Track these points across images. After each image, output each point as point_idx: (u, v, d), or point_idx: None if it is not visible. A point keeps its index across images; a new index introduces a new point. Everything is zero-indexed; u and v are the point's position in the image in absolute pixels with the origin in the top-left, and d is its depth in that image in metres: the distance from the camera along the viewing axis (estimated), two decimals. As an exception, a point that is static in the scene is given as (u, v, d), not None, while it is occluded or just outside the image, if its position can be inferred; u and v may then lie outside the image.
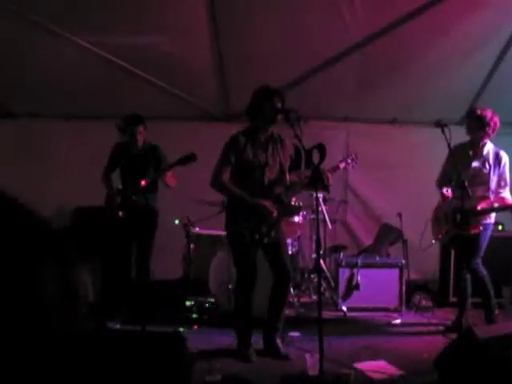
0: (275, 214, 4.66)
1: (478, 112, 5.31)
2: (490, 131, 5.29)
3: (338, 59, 6.28)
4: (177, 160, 4.90)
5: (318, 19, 5.83)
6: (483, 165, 5.36)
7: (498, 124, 5.30)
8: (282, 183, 4.80)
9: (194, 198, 6.04)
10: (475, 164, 5.37)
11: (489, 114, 5.27)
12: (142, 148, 5.82)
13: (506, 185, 5.36)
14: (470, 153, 5.41)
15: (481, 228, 5.26)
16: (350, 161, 5.16)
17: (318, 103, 6.96)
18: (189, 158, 4.80)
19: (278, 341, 4.89)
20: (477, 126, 5.30)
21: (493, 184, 5.33)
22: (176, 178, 5.57)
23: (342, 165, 5.11)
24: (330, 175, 4.69)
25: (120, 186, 5.82)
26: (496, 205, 5.29)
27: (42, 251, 0.78)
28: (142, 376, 3.30)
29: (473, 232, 5.24)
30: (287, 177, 4.83)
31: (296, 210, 5.16)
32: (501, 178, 5.35)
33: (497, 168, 5.34)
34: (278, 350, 4.81)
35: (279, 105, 4.60)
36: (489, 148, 5.39)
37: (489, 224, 5.36)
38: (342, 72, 6.48)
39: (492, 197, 5.30)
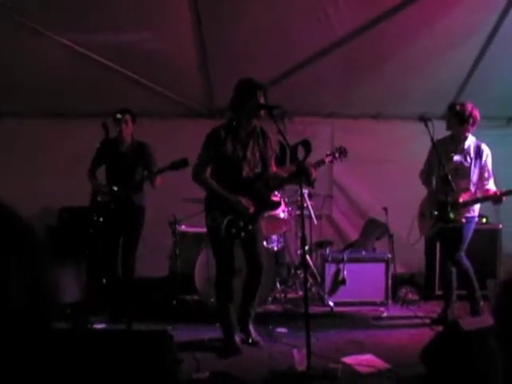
0: (251, 210, 4.69)
1: (457, 107, 5.34)
2: (470, 126, 5.33)
3: (321, 55, 6.28)
4: (169, 164, 4.97)
5: (301, 15, 5.83)
6: (465, 158, 5.40)
7: (478, 118, 5.33)
8: (261, 178, 4.83)
9: (179, 196, 6.03)
10: (456, 158, 5.41)
11: (468, 108, 5.30)
12: (131, 145, 5.76)
13: (489, 176, 5.40)
14: (452, 147, 5.45)
15: (463, 220, 5.30)
16: (337, 155, 4.97)
17: (302, 99, 6.96)
18: (181, 163, 4.87)
19: (251, 327, 5.01)
20: (456, 121, 5.33)
21: (474, 177, 5.37)
22: (161, 180, 5.56)
23: (329, 159, 4.95)
24: (313, 170, 4.65)
25: (104, 183, 5.73)
26: (478, 196, 5.34)
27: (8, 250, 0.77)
28: (128, 375, 3.29)
29: (456, 224, 5.28)
30: (272, 170, 4.87)
31: (274, 206, 5.14)
32: (483, 170, 5.39)
33: (478, 161, 5.38)
34: (250, 336, 4.96)
35: (262, 100, 4.60)
36: (470, 142, 5.43)
37: (472, 217, 5.40)
38: (326, 68, 6.48)
39: (473, 189, 5.35)
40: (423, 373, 3.96)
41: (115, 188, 5.50)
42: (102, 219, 5.46)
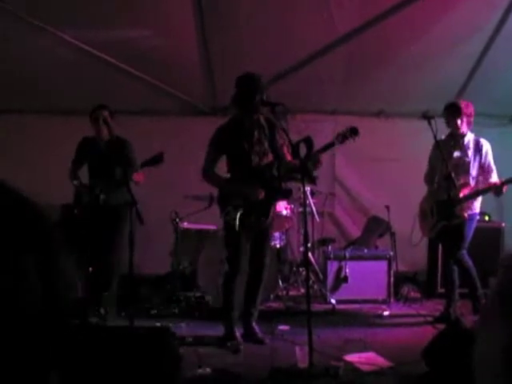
0: (261, 195, 4.76)
1: (452, 103, 5.41)
2: (465, 119, 5.37)
3: (324, 52, 6.27)
4: (144, 161, 4.80)
5: (304, 12, 5.82)
6: (465, 154, 5.43)
7: (472, 111, 5.38)
8: (271, 168, 4.87)
9: (182, 193, 6.03)
10: (457, 154, 5.45)
11: (463, 103, 5.38)
12: (109, 142, 5.57)
13: (491, 170, 5.42)
14: (452, 143, 5.48)
15: (466, 215, 5.30)
16: (348, 134, 4.68)
17: (304, 96, 6.95)
18: (156, 159, 4.71)
19: (255, 325, 5.02)
20: (453, 116, 5.36)
21: (474, 171, 5.41)
22: (143, 174, 5.29)
23: (339, 139, 4.67)
24: (321, 155, 4.62)
25: (86, 183, 5.60)
26: (477, 189, 5.36)
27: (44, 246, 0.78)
28: (130, 371, 3.29)
29: (458, 220, 5.28)
30: (286, 158, 4.87)
31: (286, 193, 5.14)
32: (484, 164, 5.42)
33: (477, 156, 5.43)
34: (255, 335, 4.95)
35: (264, 96, 4.60)
36: (469, 137, 5.48)
37: (473, 215, 5.41)
38: (329, 65, 6.48)
39: (473, 183, 5.37)
40: (425, 371, 3.96)
41: (97, 192, 5.38)
42: (86, 219, 5.41)
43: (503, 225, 6.64)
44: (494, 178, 5.38)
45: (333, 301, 6.16)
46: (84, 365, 3.26)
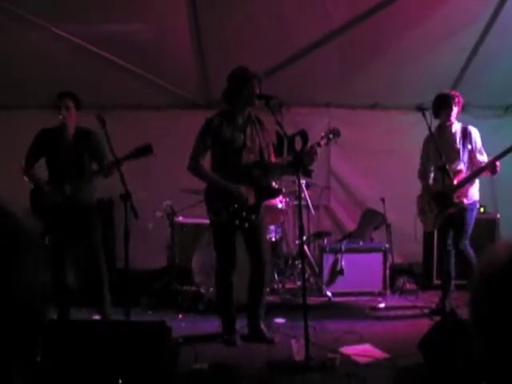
0: (251, 199, 4.67)
1: (446, 94, 5.43)
2: (458, 110, 5.41)
3: (319, 45, 6.25)
4: (130, 152, 4.47)
5: (298, 5, 5.81)
6: (454, 141, 5.45)
7: (461, 100, 5.42)
8: (260, 165, 4.77)
9: (177, 187, 6.02)
10: (447, 143, 5.47)
11: (456, 93, 5.43)
12: (74, 134, 5.14)
13: (482, 153, 5.45)
14: (441, 134, 5.50)
15: (465, 201, 5.31)
16: (331, 136, 4.83)
17: (299, 89, 6.94)
18: (144, 151, 4.41)
19: (263, 326, 4.92)
20: (442, 107, 5.39)
21: (465, 157, 5.43)
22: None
23: (324, 141, 4.80)
24: (315, 156, 4.60)
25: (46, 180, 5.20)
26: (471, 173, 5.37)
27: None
28: (127, 365, 3.29)
29: (458, 207, 5.28)
30: (267, 159, 4.82)
31: (275, 193, 5.09)
32: (475, 149, 5.44)
33: (467, 142, 5.45)
34: (264, 335, 4.85)
35: (257, 89, 4.57)
36: (457, 126, 5.50)
37: (473, 204, 5.41)
38: (323, 58, 6.46)
39: (464, 169, 5.38)
40: (421, 362, 3.97)
41: (68, 188, 4.99)
42: (47, 222, 4.96)
43: (498, 216, 6.65)
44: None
45: (329, 293, 6.17)
46: (81, 359, 3.26)
